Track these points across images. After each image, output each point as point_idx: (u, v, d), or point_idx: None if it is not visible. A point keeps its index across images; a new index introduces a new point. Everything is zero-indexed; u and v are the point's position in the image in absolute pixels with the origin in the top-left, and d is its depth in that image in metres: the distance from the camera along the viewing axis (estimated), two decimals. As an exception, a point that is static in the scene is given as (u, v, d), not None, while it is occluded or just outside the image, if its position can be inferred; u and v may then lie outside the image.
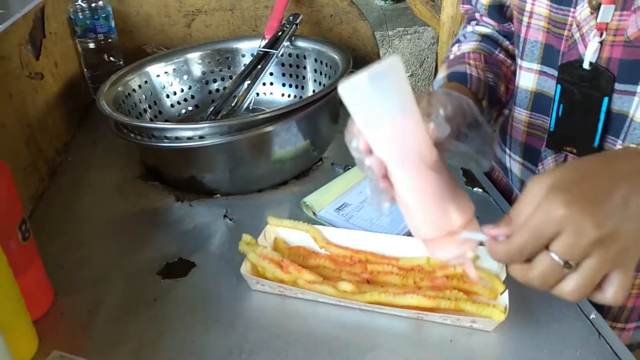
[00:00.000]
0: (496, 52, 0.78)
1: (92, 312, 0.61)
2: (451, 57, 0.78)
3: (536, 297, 0.60)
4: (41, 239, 0.64)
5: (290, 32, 1.00)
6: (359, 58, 1.21)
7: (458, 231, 0.45)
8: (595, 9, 0.58)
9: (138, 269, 0.67)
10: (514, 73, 0.77)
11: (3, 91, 0.76)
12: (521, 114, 0.72)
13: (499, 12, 0.76)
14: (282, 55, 0.99)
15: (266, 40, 1.00)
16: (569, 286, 0.38)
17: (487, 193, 0.77)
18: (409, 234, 0.70)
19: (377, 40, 2.59)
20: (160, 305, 0.61)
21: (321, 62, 0.97)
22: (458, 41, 0.82)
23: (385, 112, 0.43)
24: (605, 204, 0.38)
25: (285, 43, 0.99)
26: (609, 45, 0.58)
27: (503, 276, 0.60)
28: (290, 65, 1.02)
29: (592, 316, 0.58)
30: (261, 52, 0.98)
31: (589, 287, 0.38)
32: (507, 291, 0.58)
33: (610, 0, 0.57)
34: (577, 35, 0.61)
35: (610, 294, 0.39)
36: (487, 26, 0.80)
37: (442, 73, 0.73)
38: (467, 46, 0.79)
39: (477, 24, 0.81)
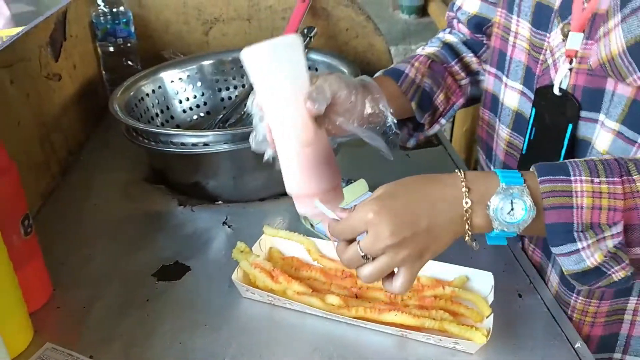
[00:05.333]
0: (452, 62, 0.78)
1: (87, 308, 0.63)
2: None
3: (522, 323, 0.60)
4: (46, 235, 0.66)
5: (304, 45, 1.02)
6: (372, 72, 1.21)
7: (314, 197, 0.54)
8: (566, 35, 0.59)
9: (135, 269, 0.69)
10: (461, 87, 0.78)
11: (21, 91, 0.79)
12: (503, 132, 0.73)
13: (478, 25, 0.77)
14: (294, 66, 1.00)
15: (280, 52, 1.02)
16: (364, 271, 0.51)
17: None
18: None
19: (399, 54, 2.58)
20: (153, 306, 0.63)
21: (331, 76, 0.98)
22: (426, 44, 0.83)
23: (276, 81, 0.51)
24: (404, 220, 0.49)
25: (298, 55, 1.01)
26: (575, 72, 0.59)
27: (490, 300, 0.61)
28: (302, 77, 1.03)
29: (577, 345, 0.58)
30: (274, 63, 1.00)
31: (378, 276, 0.51)
32: (492, 315, 0.58)
33: (578, 28, 0.57)
34: (550, 61, 0.62)
35: (397, 284, 0.51)
36: (457, 35, 0.81)
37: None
38: (426, 50, 0.80)
39: (449, 32, 0.82)
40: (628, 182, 0.47)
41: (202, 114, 1.02)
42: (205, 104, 1.03)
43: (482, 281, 0.63)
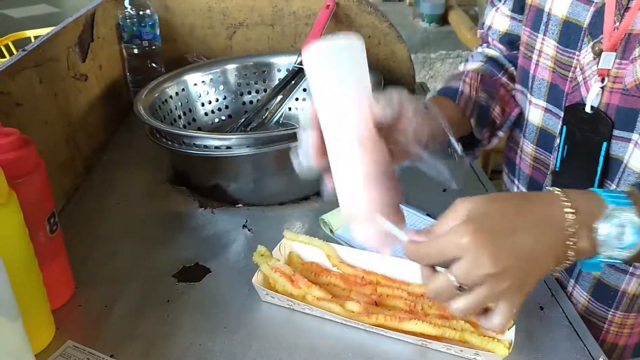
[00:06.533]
0: (499, 75, 0.78)
1: (108, 307, 0.64)
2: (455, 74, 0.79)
3: (544, 336, 0.60)
4: (69, 233, 0.67)
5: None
6: (394, 79, 1.21)
7: (376, 214, 0.47)
8: (598, 54, 0.58)
9: (156, 270, 0.70)
10: (514, 97, 0.77)
11: (49, 90, 0.81)
12: (528, 147, 0.73)
13: (510, 42, 0.77)
14: (316, 72, 1.01)
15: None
16: (459, 304, 0.44)
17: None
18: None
19: (418, 62, 2.58)
20: (173, 307, 0.64)
21: (354, 82, 0.99)
22: (466, 60, 0.82)
23: (337, 82, 0.46)
24: (506, 244, 0.42)
25: (321, 61, 1.01)
26: (608, 91, 0.58)
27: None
28: (324, 83, 1.04)
29: (600, 360, 0.57)
30: (296, 68, 1.01)
31: (476, 309, 0.44)
32: (514, 327, 0.57)
33: (611, 48, 0.57)
34: (580, 78, 0.62)
35: (496, 321, 0.45)
36: (496, 50, 0.81)
37: (438, 87, 0.75)
38: (471, 65, 0.79)
39: (487, 46, 0.82)
40: None
41: (223, 118, 1.03)
42: (227, 107, 1.03)
43: (504, 292, 0.62)
